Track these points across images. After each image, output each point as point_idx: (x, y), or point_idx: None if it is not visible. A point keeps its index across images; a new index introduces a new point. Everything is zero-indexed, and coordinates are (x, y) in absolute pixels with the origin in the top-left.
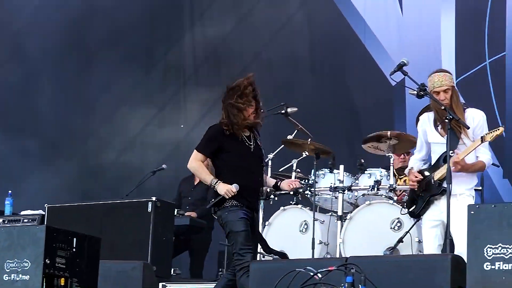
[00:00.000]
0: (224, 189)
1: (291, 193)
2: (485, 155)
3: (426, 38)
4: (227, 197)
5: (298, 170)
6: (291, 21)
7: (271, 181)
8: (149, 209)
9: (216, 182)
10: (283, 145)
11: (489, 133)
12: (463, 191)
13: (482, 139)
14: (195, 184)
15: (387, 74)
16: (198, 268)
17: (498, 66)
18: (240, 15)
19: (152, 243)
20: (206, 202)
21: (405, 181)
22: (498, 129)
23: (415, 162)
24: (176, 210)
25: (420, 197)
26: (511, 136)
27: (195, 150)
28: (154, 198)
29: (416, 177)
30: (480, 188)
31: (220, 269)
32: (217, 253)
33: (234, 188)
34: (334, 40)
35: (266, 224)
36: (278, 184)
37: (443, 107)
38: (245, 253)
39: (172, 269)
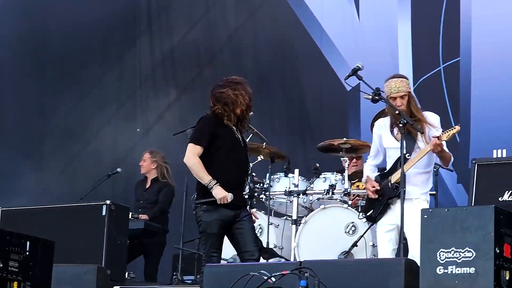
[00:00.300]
0: (220, 195)
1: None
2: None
3: (383, 43)
4: (219, 203)
5: (253, 174)
6: (247, 25)
7: None
8: (104, 213)
9: (215, 184)
10: None
11: (445, 132)
12: (419, 195)
13: (439, 138)
14: (147, 187)
15: (342, 79)
16: (153, 272)
17: (452, 71)
18: (196, 18)
19: (106, 246)
20: (156, 205)
21: (357, 186)
22: (454, 128)
23: (370, 168)
24: (130, 213)
25: (378, 201)
26: (465, 141)
27: (190, 144)
28: (108, 202)
29: (373, 186)
30: (435, 192)
31: (174, 273)
32: (172, 257)
33: (229, 197)
34: (291, 45)
35: None
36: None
37: (397, 112)
38: (212, 256)
39: (127, 273)
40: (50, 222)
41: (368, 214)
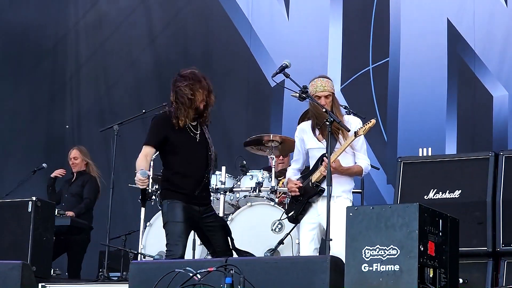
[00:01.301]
0: (135, 179)
1: None
2: (363, 161)
3: (313, 43)
4: (140, 186)
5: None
6: (174, 20)
7: None
8: (29, 209)
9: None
10: None
11: (361, 128)
12: (340, 193)
13: (356, 134)
14: (72, 180)
15: (268, 77)
16: (76, 269)
17: (380, 72)
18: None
19: (32, 243)
20: (80, 199)
21: (283, 183)
22: (370, 122)
23: (292, 172)
24: (56, 210)
25: (299, 201)
26: (392, 141)
27: (144, 146)
28: (34, 198)
29: (296, 184)
30: (360, 191)
31: (100, 269)
32: (98, 253)
33: (139, 174)
34: (219, 41)
35: (147, 224)
36: None
37: (324, 110)
38: (176, 244)
39: (52, 270)
40: None
41: (289, 215)
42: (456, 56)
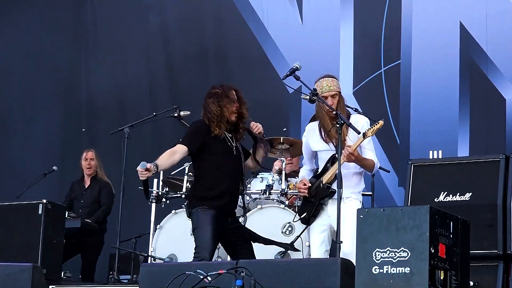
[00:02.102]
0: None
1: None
2: (374, 157)
3: (325, 47)
4: (141, 178)
5: (190, 173)
6: (189, 23)
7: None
8: (40, 212)
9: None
10: None
11: (369, 129)
12: (349, 194)
13: (364, 135)
14: (86, 187)
15: (284, 81)
16: (90, 271)
17: (392, 74)
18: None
19: (42, 245)
20: (98, 205)
21: (294, 186)
22: (378, 123)
23: (305, 172)
24: (67, 212)
25: (311, 203)
26: (404, 144)
27: (178, 144)
28: (45, 201)
29: (305, 184)
30: (371, 193)
31: (111, 272)
32: (108, 256)
33: (139, 166)
34: (236, 45)
35: (158, 227)
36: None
37: (334, 112)
38: (203, 249)
39: (62, 272)
40: None
41: (302, 216)
42: (468, 59)
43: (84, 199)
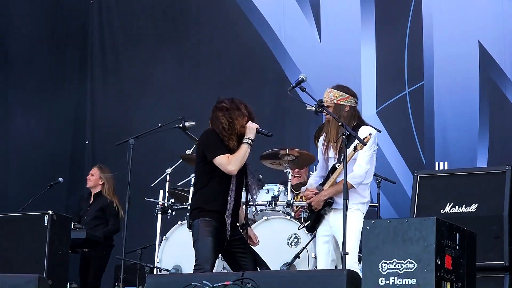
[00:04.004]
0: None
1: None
2: (358, 167)
3: (346, 66)
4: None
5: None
6: (206, 39)
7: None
8: (46, 223)
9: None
10: (181, 160)
11: (359, 144)
12: (350, 205)
13: (355, 149)
14: (91, 202)
15: (304, 100)
16: (95, 283)
17: (416, 95)
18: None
19: (48, 256)
20: (99, 221)
21: (301, 197)
22: (367, 137)
23: (314, 178)
24: (72, 224)
25: (313, 211)
26: (430, 161)
27: (218, 157)
28: (50, 212)
29: (312, 191)
30: (376, 204)
31: (116, 283)
32: (114, 267)
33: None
34: (253, 62)
35: (164, 238)
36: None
37: (340, 123)
38: (205, 262)
39: (68, 283)
40: None
41: (305, 224)
42: (487, 78)
43: (87, 216)
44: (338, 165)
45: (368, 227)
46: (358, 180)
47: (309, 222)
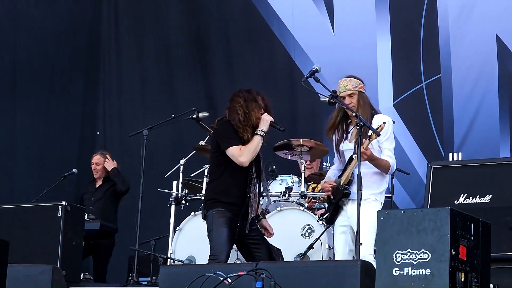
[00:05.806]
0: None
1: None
2: (390, 158)
3: (361, 58)
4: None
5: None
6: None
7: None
8: (59, 213)
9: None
10: (194, 151)
11: (373, 134)
12: (368, 196)
13: (370, 138)
14: (97, 186)
15: (317, 91)
16: (102, 272)
17: (434, 88)
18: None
19: (61, 247)
20: (108, 200)
21: (313, 188)
22: (381, 125)
23: (332, 171)
24: (86, 214)
25: (331, 203)
26: (449, 153)
27: (230, 148)
28: (64, 203)
29: (330, 184)
30: (390, 195)
31: (130, 274)
32: (128, 258)
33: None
34: (262, 52)
35: (177, 229)
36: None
37: (354, 114)
38: (219, 252)
39: (82, 274)
40: (5, 222)
41: (324, 216)
42: (506, 70)
43: (95, 196)
44: (355, 156)
45: (382, 218)
46: (392, 170)
47: (327, 214)
